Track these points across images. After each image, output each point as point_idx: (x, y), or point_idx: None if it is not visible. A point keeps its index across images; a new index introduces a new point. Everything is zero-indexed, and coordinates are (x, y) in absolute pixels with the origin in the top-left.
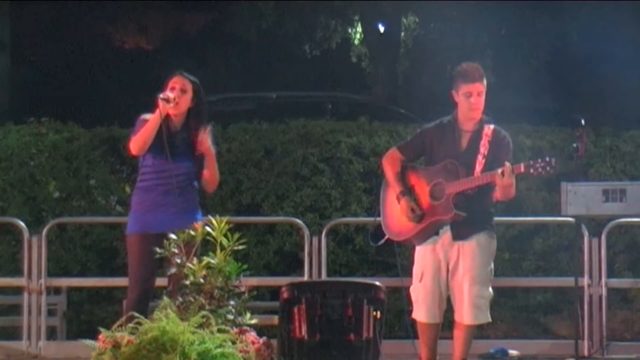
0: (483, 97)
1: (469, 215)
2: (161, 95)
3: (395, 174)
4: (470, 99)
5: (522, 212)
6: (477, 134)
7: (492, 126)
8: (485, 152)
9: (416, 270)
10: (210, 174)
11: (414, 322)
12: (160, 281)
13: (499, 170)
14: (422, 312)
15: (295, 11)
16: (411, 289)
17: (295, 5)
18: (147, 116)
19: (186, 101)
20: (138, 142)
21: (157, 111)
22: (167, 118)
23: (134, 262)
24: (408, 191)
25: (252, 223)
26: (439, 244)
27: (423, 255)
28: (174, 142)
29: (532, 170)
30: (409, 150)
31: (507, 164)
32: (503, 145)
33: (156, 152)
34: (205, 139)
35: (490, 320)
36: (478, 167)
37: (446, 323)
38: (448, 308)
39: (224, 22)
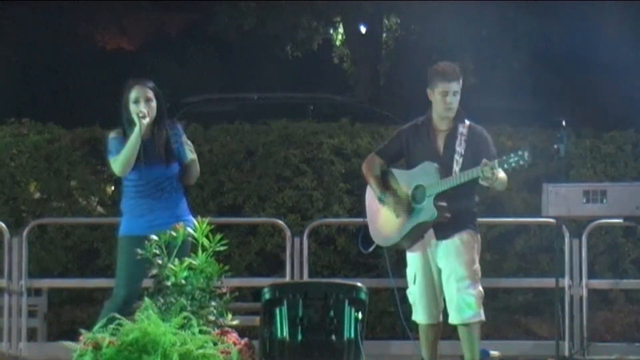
0: (458, 96)
1: (452, 215)
2: (139, 114)
3: (375, 178)
4: (447, 98)
5: (503, 213)
6: (452, 133)
7: (467, 123)
8: (462, 151)
9: (409, 273)
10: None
11: (404, 323)
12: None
13: (480, 167)
14: (420, 313)
15: (277, 12)
16: (407, 292)
17: (276, 6)
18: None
19: (153, 109)
20: (123, 163)
21: (137, 129)
22: None
23: (124, 263)
24: (390, 193)
25: (234, 224)
26: (427, 246)
27: (413, 258)
28: (147, 150)
29: (505, 166)
30: (388, 153)
31: (484, 160)
32: (481, 141)
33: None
34: (185, 147)
35: (483, 318)
36: (455, 167)
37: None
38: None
39: (205, 23)
